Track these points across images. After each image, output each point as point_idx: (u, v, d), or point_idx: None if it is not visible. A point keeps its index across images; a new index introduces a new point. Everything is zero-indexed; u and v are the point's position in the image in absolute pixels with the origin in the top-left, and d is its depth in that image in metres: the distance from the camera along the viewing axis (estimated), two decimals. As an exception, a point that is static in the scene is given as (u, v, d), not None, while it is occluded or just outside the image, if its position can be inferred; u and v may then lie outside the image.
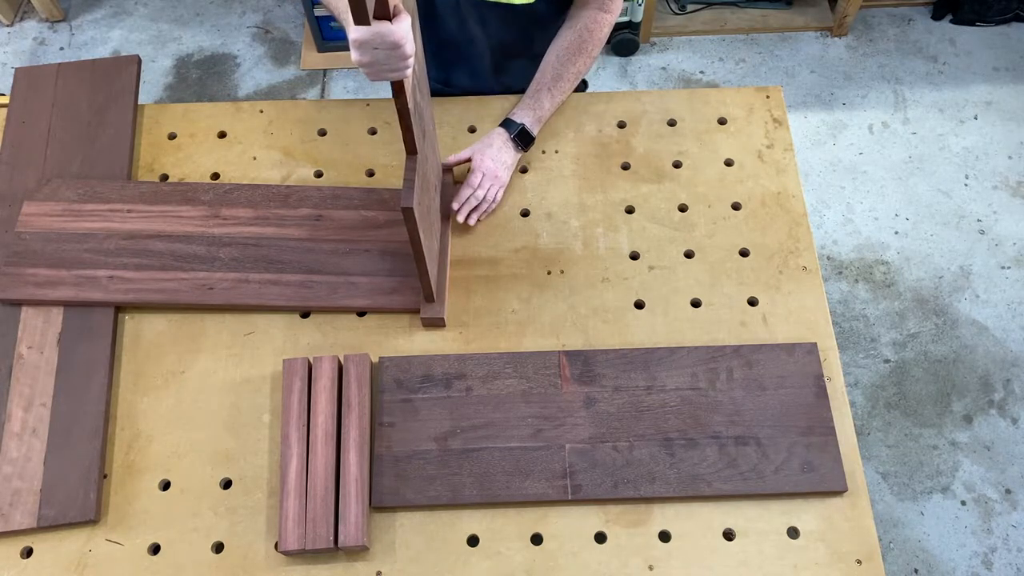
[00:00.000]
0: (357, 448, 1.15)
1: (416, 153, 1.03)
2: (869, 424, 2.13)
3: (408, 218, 1.03)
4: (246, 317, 1.30)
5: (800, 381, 1.21)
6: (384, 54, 0.87)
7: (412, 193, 1.01)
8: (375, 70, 0.89)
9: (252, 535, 1.14)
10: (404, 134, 1.00)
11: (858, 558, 1.11)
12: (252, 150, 1.45)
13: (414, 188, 1.02)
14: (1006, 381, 2.18)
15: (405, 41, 0.87)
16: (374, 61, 0.88)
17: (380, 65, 0.88)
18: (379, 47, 0.86)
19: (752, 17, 2.81)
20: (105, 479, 1.18)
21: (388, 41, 0.85)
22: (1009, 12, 2.75)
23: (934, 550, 1.97)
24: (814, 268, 1.33)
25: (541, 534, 1.14)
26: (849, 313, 2.29)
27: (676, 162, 1.43)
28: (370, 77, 0.91)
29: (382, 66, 0.89)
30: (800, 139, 2.57)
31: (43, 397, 1.21)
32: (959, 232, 2.41)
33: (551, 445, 1.17)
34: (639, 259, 1.34)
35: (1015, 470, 2.06)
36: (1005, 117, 2.61)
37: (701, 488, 1.14)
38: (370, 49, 0.86)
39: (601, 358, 1.23)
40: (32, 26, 2.88)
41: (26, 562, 1.13)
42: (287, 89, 2.73)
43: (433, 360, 1.23)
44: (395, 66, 0.89)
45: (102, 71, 1.49)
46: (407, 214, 1.02)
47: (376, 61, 0.88)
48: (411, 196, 1.01)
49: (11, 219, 1.35)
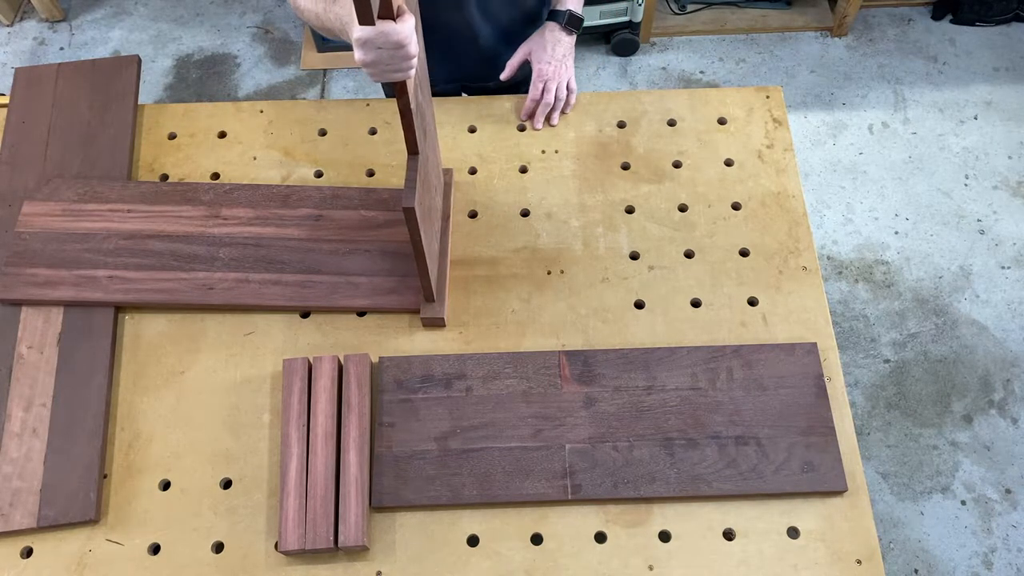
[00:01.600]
0: (357, 448, 1.15)
1: (418, 153, 1.04)
2: (869, 424, 2.13)
3: (410, 218, 1.03)
4: (246, 317, 1.30)
5: (800, 381, 1.21)
6: (388, 54, 0.88)
7: (414, 193, 1.01)
8: (379, 70, 0.90)
9: (252, 535, 1.14)
10: (406, 134, 1.01)
11: (858, 558, 1.11)
12: (252, 150, 1.45)
13: (416, 188, 1.02)
14: (1006, 381, 2.18)
15: (409, 41, 0.87)
16: (378, 60, 0.88)
17: (384, 65, 0.89)
18: (383, 47, 0.86)
19: (752, 17, 2.81)
20: (105, 479, 1.18)
21: (392, 40, 0.86)
22: (1009, 12, 2.75)
23: (934, 550, 1.97)
24: (814, 268, 1.33)
25: (541, 534, 1.14)
26: (849, 313, 2.29)
27: (676, 162, 1.43)
28: (373, 77, 0.91)
29: (386, 66, 0.89)
30: (800, 139, 2.57)
31: (43, 397, 1.21)
32: (959, 232, 2.41)
33: (551, 445, 1.17)
34: (639, 259, 1.34)
35: (1015, 470, 2.06)
36: (1005, 117, 2.61)
37: (701, 488, 1.14)
38: (374, 48, 0.87)
39: (601, 358, 1.23)
40: (32, 26, 2.88)
41: (26, 562, 1.13)
42: (287, 89, 2.73)
43: (433, 360, 1.23)
44: (398, 66, 0.90)
45: (102, 71, 1.49)
46: (409, 214, 1.02)
47: (380, 60, 0.88)
48: (412, 196, 1.01)
49: (11, 219, 1.35)
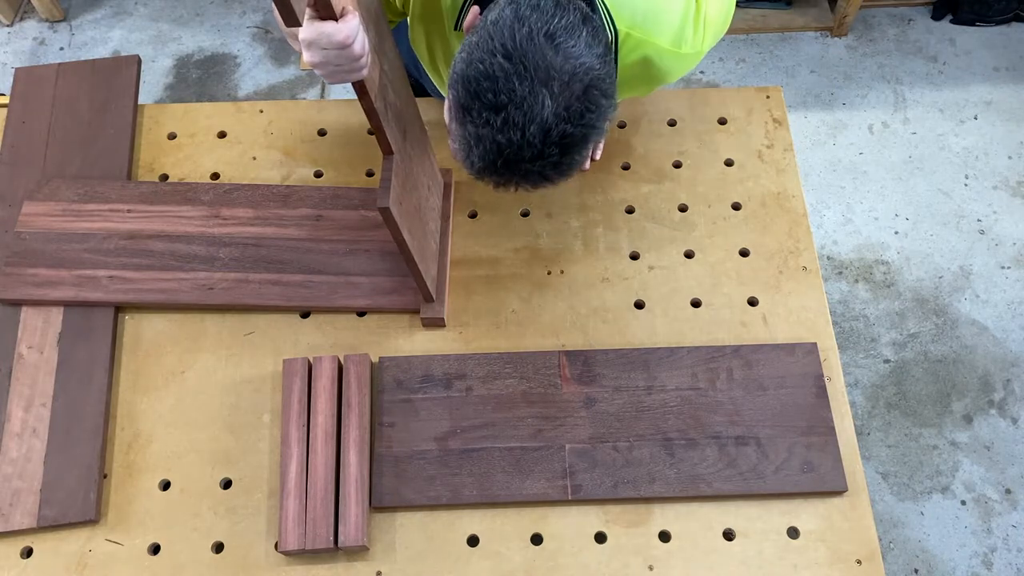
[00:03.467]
0: (357, 448, 1.15)
1: (392, 153, 1.03)
2: (869, 424, 2.13)
3: (387, 218, 1.02)
4: (246, 317, 1.30)
5: (800, 381, 1.21)
6: (334, 54, 0.86)
7: (389, 193, 1.01)
8: (328, 71, 0.88)
9: (252, 535, 1.14)
10: (376, 134, 1.00)
11: (858, 558, 1.11)
12: (252, 150, 1.45)
13: (391, 188, 1.01)
14: (1006, 381, 2.18)
15: (352, 40, 0.85)
16: (326, 61, 0.87)
17: (332, 65, 0.87)
18: (327, 47, 0.85)
19: (752, 17, 2.81)
20: (105, 479, 1.18)
21: (335, 41, 0.84)
22: (1009, 12, 2.75)
23: (934, 550, 1.97)
24: (814, 268, 1.33)
25: (541, 534, 1.14)
26: (849, 313, 2.29)
27: (676, 162, 1.43)
28: (327, 79, 0.90)
29: (334, 67, 0.88)
30: (800, 139, 2.57)
31: (43, 397, 1.21)
32: (959, 232, 2.41)
33: (551, 445, 1.17)
34: (639, 259, 1.34)
35: (1015, 470, 2.06)
36: (1005, 117, 2.61)
37: (701, 488, 1.14)
38: (318, 49, 0.85)
39: (601, 358, 1.23)
40: (32, 26, 2.88)
41: (26, 562, 1.13)
42: (287, 89, 2.73)
43: (433, 360, 1.23)
44: (348, 66, 0.88)
45: (102, 71, 1.49)
46: (385, 214, 1.01)
47: (328, 61, 0.87)
48: (387, 196, 1.00)
49: (11, 219, 1.35)
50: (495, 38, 0.85)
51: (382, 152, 1.04)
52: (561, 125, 0.85)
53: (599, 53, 0.88)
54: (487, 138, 0.86)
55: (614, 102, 0.91)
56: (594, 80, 0.86)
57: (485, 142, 0.86)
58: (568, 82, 0.85)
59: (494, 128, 0.85)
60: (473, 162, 0.89)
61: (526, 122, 0.84)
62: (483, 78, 0.84)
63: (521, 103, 0.83)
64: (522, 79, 0.83)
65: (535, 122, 0.84)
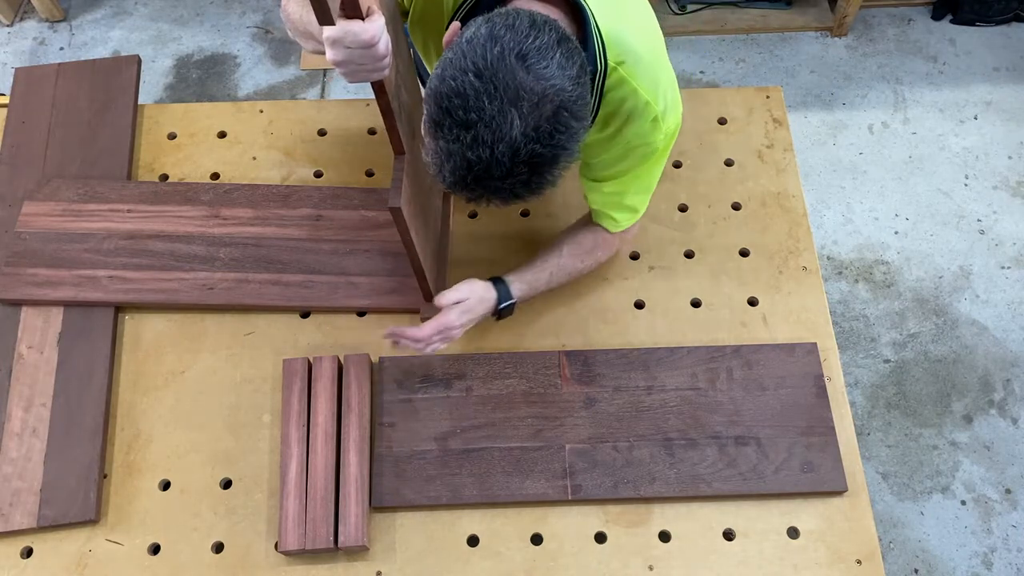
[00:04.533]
0: (357, 448, 1.15)
1: (403, 153, 1.03)
2: (869, 424, 2.13)
3: (397, 218, 1.02)
4: (246, 317, 1.30)
5: (800, 381, 1.21)
6: (358, 53, 0.86)
7: (400, 193, 1.01)
8: (350, 69, 0.89)
9: (252, 535, 1.14)
10: (390, 134, 1.00)
11: (858, 558, 1.11)
12: (252, 150, 1.45)
13: (402, 188, 1.01)
14: (1006, 381, 2.18)
15: (377, 40, 0.86)
16: (349, 60, 0.87)
17: (355, 64, 0.88)
18: (351, 46, 0.85)
19: (752, 17, 2.81)
20: (105, 479, 1.18)
21: (360, 40, 0.85)
22: (1009, 12, 2.75)
23: (934, 550, 1.97)
24: (814, 268, 1.33)
25: (541, 534, 1.14)
26: (849, 313, 2.29)
27: (676, 162, 1.43)
28: (348, 78, 0.90)
29: (357, 65, 0.88)
30: (800, 139, 2.57)
31: (43, 397, 1.21)
32: (959, 232, 2.40)
33: (551, 445, 1.17)
34: (639, 259, 1.34)
35: (1015, 470, 2.06)
36: (1005, 117, 2.61)
37: (701, 488, 1.14)
38: (343, 48, 0.86)
39: (601, 358, 1.23)
40: (32, 26, 2.87)
41: (26, 562, 1.13)
42: (287, 89, 2.73)
43: (433, 360, 1.23)
44: (370, 66, 0.88)
45: (102, 71, 1.49)
46: (396, 214, 1.02)
47: (351, 60, 0.87)
48: (399, 196, 1.01)
49: (11, 219, 1.35)
50: (468, 56, 0.85)
51: (393, 151, 1.03)
52: (530, 145, 0.85)
53: (572, 75, 0.87)
54: (457, 154, 0.86)
55: (586, 124, 0.91)
56: (564, 102, 0.86)
57: (455, 158, 0.86)
58: (538, 103, 0.84)
59: (464, 145, 0.85)
60: (445, 176, 0.89)
61: (495, 140, 0.84)
62: (454, 95, 0.84)
63: (490, 122, 0.83)
64: (492, 98, 0.83)
65: (503, 141, 0.84)
